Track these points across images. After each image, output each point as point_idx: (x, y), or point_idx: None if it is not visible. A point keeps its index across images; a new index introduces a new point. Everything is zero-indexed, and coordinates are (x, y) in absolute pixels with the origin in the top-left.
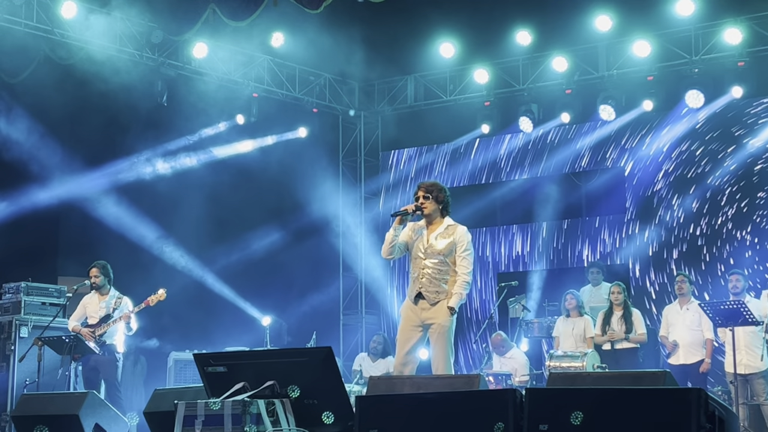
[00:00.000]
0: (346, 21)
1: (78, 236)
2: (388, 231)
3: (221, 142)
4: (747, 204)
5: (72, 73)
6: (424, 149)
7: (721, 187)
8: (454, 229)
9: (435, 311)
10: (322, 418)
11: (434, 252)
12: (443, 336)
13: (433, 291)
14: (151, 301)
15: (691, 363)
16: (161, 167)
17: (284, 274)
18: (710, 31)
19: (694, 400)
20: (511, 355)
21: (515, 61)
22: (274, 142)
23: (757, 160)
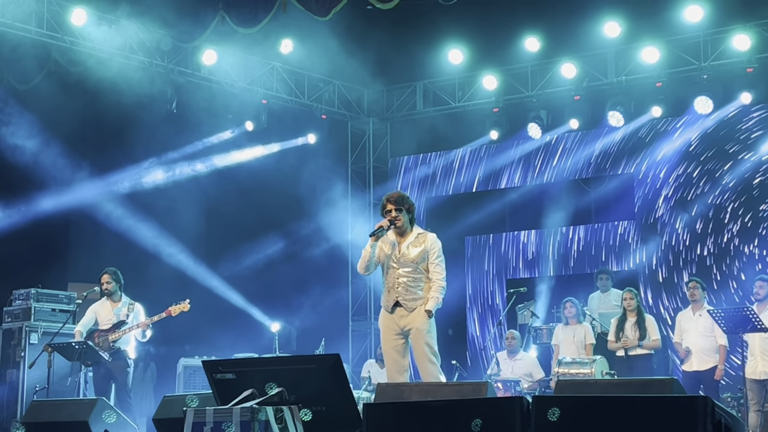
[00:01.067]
0: (355, 28)
1: (88, 243)
2: (364, 248)
3: (231, 148)
4: (750, 218)
5: (82, 80)
6: (432, 155)
7: (722, 204)
8: (424, 237)
9: (413, 317)
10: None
11: (407, 261)
12: (422, 338)
13: (410, 299)
14: (173, 311)
15: (705, 369)
16: (171, 174)
17: (293, 280)
18: (719, 37)
19: (700, 408)
20: (520, 356)
21: (524, 67)
22: (283, 149)
23: (755, 173)
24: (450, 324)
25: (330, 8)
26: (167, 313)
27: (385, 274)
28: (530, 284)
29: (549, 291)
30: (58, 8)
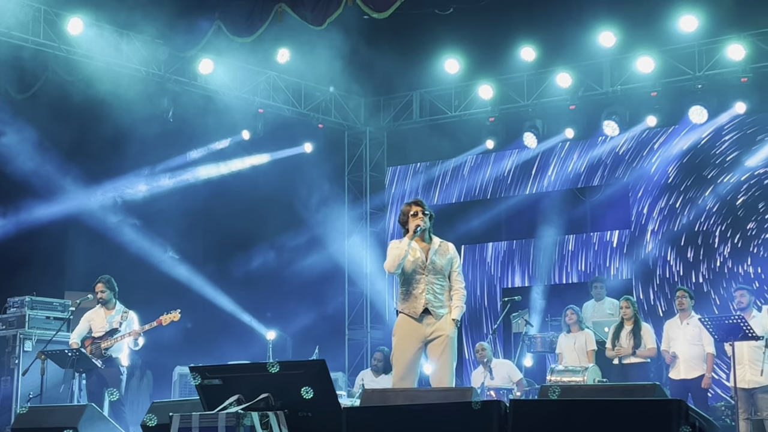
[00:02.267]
0: (351, 37)
1: (84, 251)
2: (399, 246)
3: (227, 157)
4: (740, 238)
5: (79, 89)
6: (429, 165)
7: (710, 229)
8: (446, 246)
9: (440, 324)
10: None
11: (436, 269)
12: (449, 347)
13: (438, 306)
14: (163, 320)
15: (692, 378)
16: (168, 182)
17: (290, 288)
18: (714, 47)
19: (674, 412)
20: (494, 364)
21: (520, 77)
22: (279, 158)
23: (737, 194)
24: None
25: (325, 17)
26: (158, 323)
27: (409, 281)
28: (525, 293)
29: (544, 300)
30: (55, 17)
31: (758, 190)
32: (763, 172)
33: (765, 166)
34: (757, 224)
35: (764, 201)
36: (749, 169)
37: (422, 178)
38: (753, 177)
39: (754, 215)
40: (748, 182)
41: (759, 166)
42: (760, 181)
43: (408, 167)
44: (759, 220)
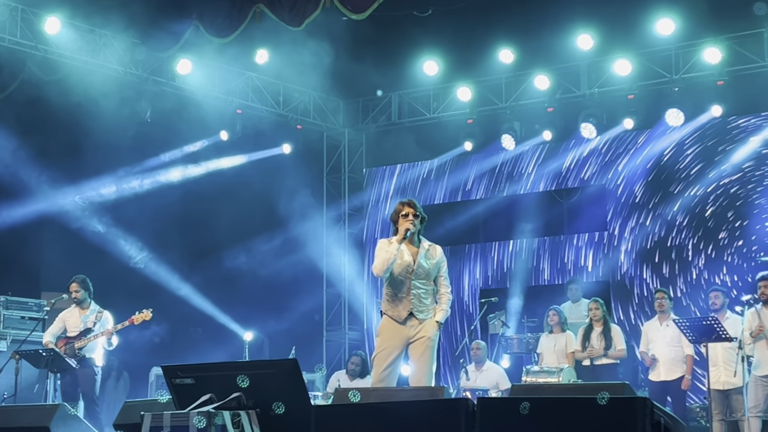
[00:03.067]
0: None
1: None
2: (388, 248)
3: (205, 158)
4: (713, 249)
5: (56, 89)
6: (407, 166)
7: (682, 243)
8: (434, 249)
9: (424, 327)
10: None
11: (423, 272)
12: (429, 349)
13: (422, 310)
14: (135, 319)
15: (672, 379)
16: (145, 183)
17: (267, 289)
18: (690, 50)
19: (639, 409)
20: (486, 367)
21: (498, 79)
22: (258, 159)
23: (705, 205)
24: None
25: (303, 18)
26: (130, 322)
27: (396, 284)
28: (502, 294)
29: (521, 301)
30: (32, 17)
31: (725, 199)
32: (728, 181)
33: (730, 175)
34: (728, 233)
35: (733, 210)
36: (714, 179)
37: (400, 180)
38: (719, 187)
39: (725, 224)
40: (715, 192)
41: (724, 176)
42: (727, 191)
43: (386, 169)
44: (730, 228)
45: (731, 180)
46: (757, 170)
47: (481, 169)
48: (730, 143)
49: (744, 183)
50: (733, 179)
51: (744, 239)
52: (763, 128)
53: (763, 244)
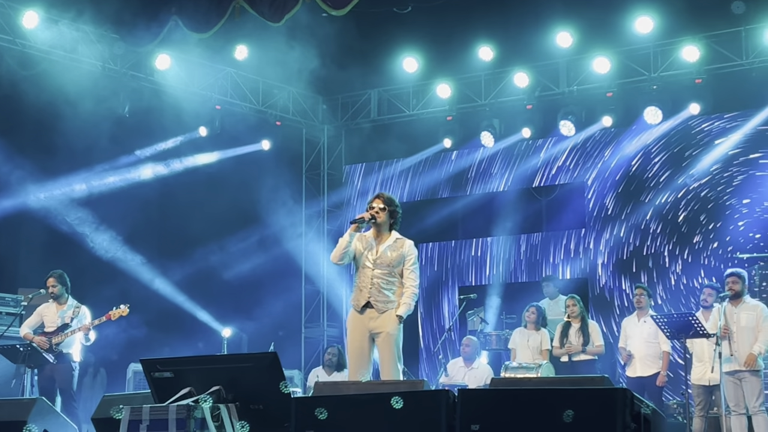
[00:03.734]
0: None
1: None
2: (342, 236)
3: (184, 153)
4: (689, 254)
5: (34, 84)
6: (387, 163)
7: (658, 251)
8: (402, 242)
9: (383, 320)
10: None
11: (384, 263)
12: (390, 344)
13: (381, 300)
14: (112, 315)
15: (648, 375)
16: (123, 178)
17: (246, 286)
18: (668, 48)
19: (619, 400)
20: (477, 365)
21: (477, 76)
22: (237, 155)
23: (677, 211)
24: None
25: (283, 14)
26: (107, 317)
27: (358, 274)
28: (481, 291)
29: (499, 298)
30: (10, 11)
31: (696, 203)
32: (697, 185)
33: (698, 179)
34: (703, 236)
35: (704, 213)
36: (683, 185)
37: (380, 177)
38: (689, 192)
39: (698, 228)
40: (686, 198)
41: (693, 181)
42: (697, 195)
43: (365, 165)
44: (704, 231)
45: (701, 184)
46: (725, 171)
47: (460, 167)
48: (695, 148)
49: (713, 186)
50: (702, 183)
51: (719, 241)
52: (727, 131)
53: (738, 243)
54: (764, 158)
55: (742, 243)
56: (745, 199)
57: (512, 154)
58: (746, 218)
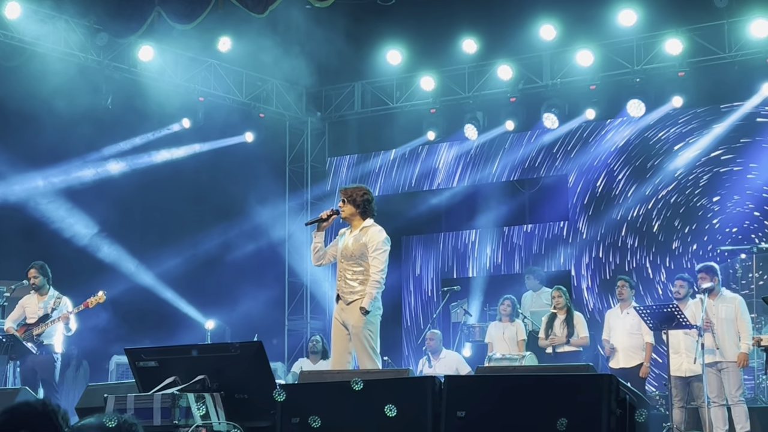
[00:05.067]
0: (293, 26)
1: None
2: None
3: (167, 145)
4: (670, 260)
5: (15, 75)
6: (370, 155)
7: (640, 264)
8: (367, 229)
9: (350, 312)
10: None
11: (347, 254)
12: (358, 336)
13: (347, 291)
14: (90, 302)
15: (631, 367)
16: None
17: (229, 278)
18: (652, 41)
19: (605, 386)
20: (444, 355)
21: (461, 69)
22: (220, 147)
23: (651, 222)
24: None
25: (267, 5)
26: (85, 305)
27: (336, 267)
28: (465, 283)
29: (482, 290)
30: None
31: (668, 210)
32: (665, 192)
33: (666, 186)
34: (681, 241)
35: (677, 218)
36: (650, 196)
37: (363, 169)
38: (659, 201)
39: (674, 234)
40: (656, 207)
41: (660, 188)
42: (667, 202)
43: (349, 158)
44: (681, 236)
45: (668, 191)
46: (690, 174)
47: (444, 159)
48: (656, 158)
49: (681, 190)
50: (670, 189)
51: (697, 242)
52: (684, 135)
53: (717, 241)
54: (725, 154)
55: (720, 240)
56: (714, 197)
57: (496, 146)
58: (719, 215)
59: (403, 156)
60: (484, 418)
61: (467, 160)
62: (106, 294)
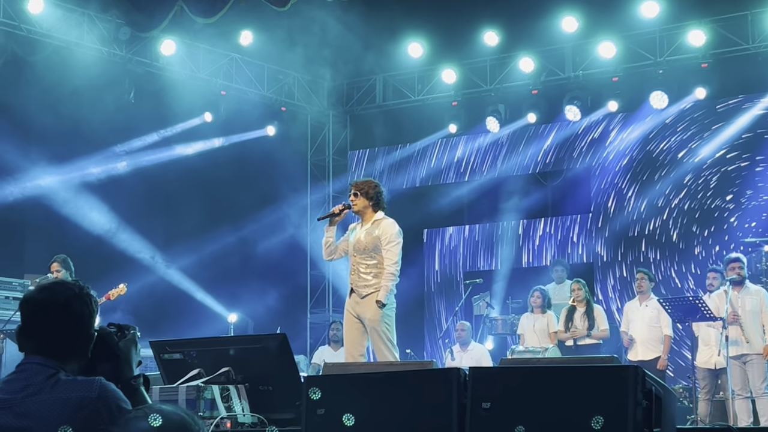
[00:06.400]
0: (314, 20)
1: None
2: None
3: (189, 139)
4: (695, 267)
5: (39, 70)
6: (392, 148)
7: (666, 275)
8: (380, 222)
9: (365, 306)
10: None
11: (360, 247)
12: (375, 330)
13: (361, 285)
14: (111, 295)
15: (649, 359)
16: (129, 164)
17: (252, 271)
18: (674, 32)
19: (631, 377)
20: (472, 347)
21: (483, 61)
22: (242, 140)
23: (668, 231)
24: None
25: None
26: (106, 298)
27: (350, 261)
28: (487, 276)
29: (505, 283)
30: None
31: (684, 217)
32: (677, 201)
33: (677, 194)
34: (702, 245)
35: (694, 223)
36: (664, 206)
37: (385, 162)
38: (672, 210)
39: (694, 240)
40: (671, 217)
41: (672, 198)
42: (681, 209)
43: (371, 151)
44: (701, 241)
45: (680, 198)
46: (698, 179)
47: (466, 152)
48: (660, 170)
49: (692, 195)
50: (681, 197)
51: (719, 243)
52: (695, 148)
53: (737, 238)
54: (729, 152)
55: (741, 237)
56: (727, 195)
57: (518, 139)
58: (735, 213)
59: (424, 149)
60: (509, 410)
61: (489, 153)
62: (127, 286)
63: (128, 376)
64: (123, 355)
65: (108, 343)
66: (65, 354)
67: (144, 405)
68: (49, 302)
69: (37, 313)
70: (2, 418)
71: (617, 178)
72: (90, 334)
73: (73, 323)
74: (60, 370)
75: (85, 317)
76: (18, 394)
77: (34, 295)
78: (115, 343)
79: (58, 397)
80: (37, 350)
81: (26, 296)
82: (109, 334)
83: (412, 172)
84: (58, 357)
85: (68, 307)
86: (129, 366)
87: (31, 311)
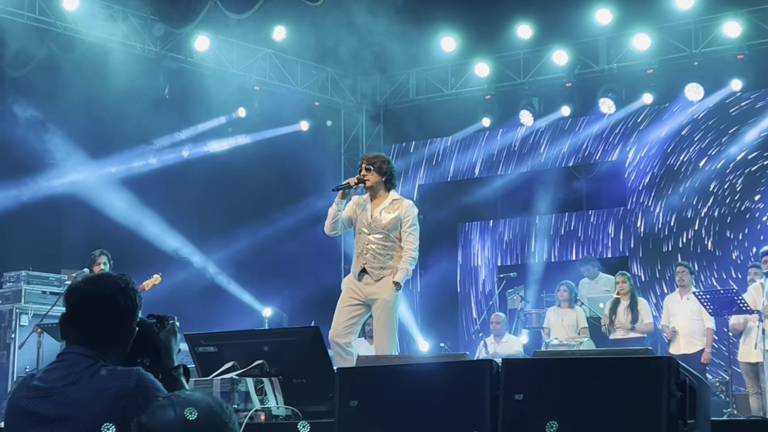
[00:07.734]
0: (347, 14)
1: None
2: (331, 206)
3: (223, 134)
4: (736, 271)
5: (75, 66)
6: (425, 142)
7: (706, 283)
8: (399, 203)
9: (379, 287)
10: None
11: (379, 227)
12: (386, 311)
13: (377, 267)
14: (146, 285)
15: (692, 353)
16: (164, 159)
17: (286, 266)
18: (710, 24)
19: (664, 368)
20: (506, 339)
21: (516, 54)
22: (275, 136)
23: (701, 240)
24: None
25: None
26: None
27: (356, 239)
28: (521, 270)
29: (539, 276)
30: None
31: (716, 225)
32: (706, 209)
33: (705, 203)
34: (738, 249)
35: (727, 229)
36: (693, 218)
37: (418, 156)
38: (703, 219)
39: (730, 245)
40: (702, 226)
41: (701, 207)
42: (712, 217)
43: (404, 145)
44: (737, 245)
45: (708, 206)
46: (723, 183)
47: (499, 145)
48: (683, 181)
49: (720, 201)
50: (710, 204)
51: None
52: (704, 150)
53: None
54: (750, 153)
55: None
56: (755, 196)
57: (551, 132)
58: (766, 212)
59: (458, 143)
60: (542, 401)
61: (523, 147)
62: (161, 276)
63: (169, 367)
64: (163, 345)
65: (148, 334)
66: (106, 346)
67: (171, 393)
68: (94, 294)
69: (83, 304)
70: (43, 407)
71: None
72: (132, 329)
73: (117, 317)
74: (99, 360)
75: (129, 312)
76: (58, 383)
77: (81, 285)
78: (156, 334)
79: (97, 386)
80: (79, 340)
81: (72, 286)
82: (149, 325)
83: (445, 166)
84: (98, 348)
85: (113, 300)
86: (170, 356)
87: (77, 302)
